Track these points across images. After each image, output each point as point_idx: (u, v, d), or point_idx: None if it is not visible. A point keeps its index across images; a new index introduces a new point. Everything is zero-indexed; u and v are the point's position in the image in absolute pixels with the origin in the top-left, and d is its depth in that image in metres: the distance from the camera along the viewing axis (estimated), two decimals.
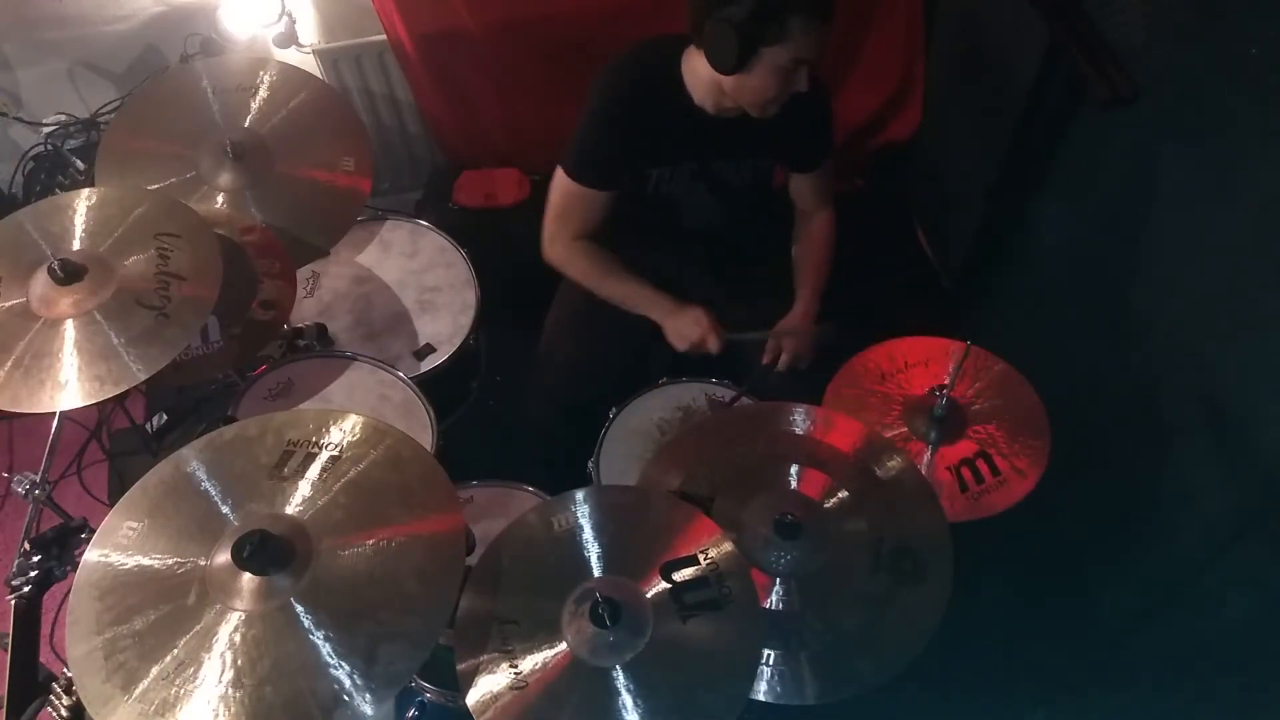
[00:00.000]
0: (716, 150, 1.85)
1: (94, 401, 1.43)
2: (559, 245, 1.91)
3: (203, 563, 1.17)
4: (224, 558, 1.15)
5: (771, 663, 1.28)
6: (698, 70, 1.71)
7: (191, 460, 1.28)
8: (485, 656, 1.19)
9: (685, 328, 1.83)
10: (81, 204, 1.64)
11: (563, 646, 1.19)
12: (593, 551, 1.28)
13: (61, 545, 1.42)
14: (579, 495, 1.34)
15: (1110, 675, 2.06)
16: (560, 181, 1.85)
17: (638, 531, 1.31)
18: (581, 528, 1.31)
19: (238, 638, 1.11)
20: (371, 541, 1.18)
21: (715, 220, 1.99)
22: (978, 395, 1.64)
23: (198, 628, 1.12)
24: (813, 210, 2.00)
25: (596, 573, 1.26)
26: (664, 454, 1.54)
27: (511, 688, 1.17)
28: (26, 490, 1.48)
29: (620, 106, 1.78)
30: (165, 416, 2.28)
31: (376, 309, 2.05)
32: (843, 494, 1.42)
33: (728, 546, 1.27)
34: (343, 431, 1.28)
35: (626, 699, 1.15)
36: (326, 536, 1.18)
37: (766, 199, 2.03)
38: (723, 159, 1.86)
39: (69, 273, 1.49)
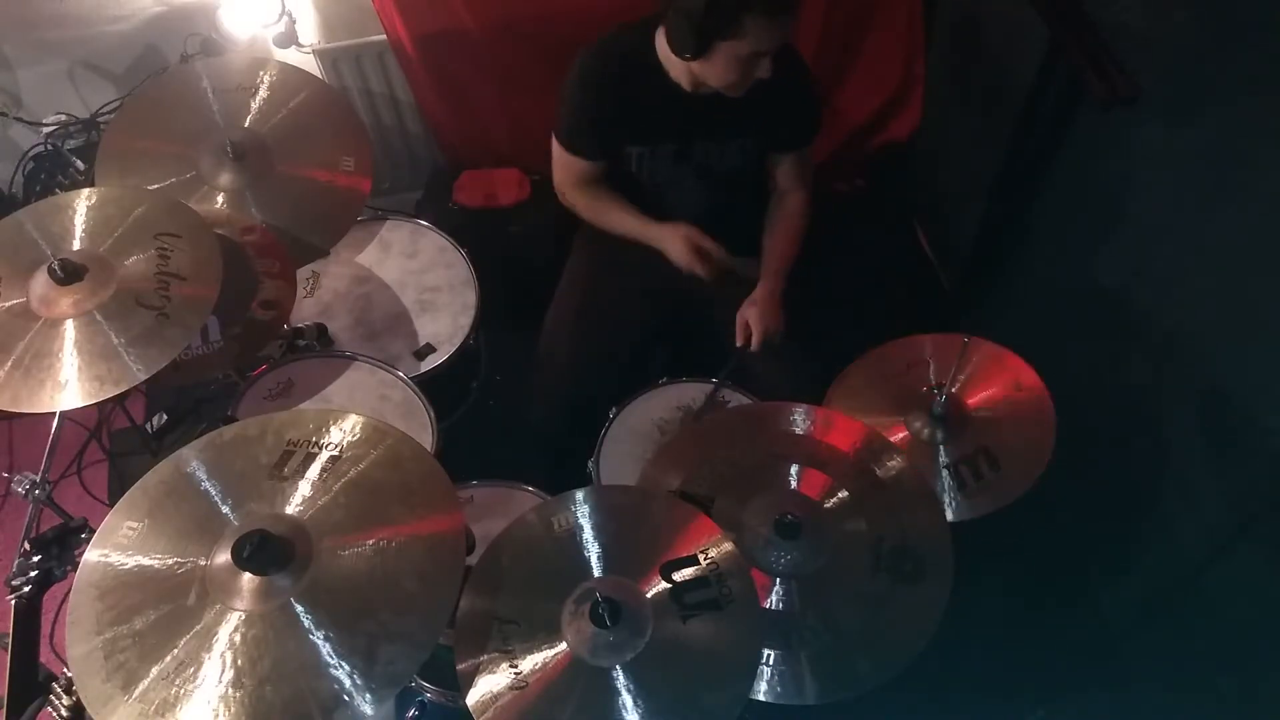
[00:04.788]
0: (696, 131, 1.85)
1: (94, 401, 1.43)
2: (564, 190, 2.01)
3: (203, 563, 1.17)
4: (224, 558, 1.15)
5: (771, 663, 1.28)
6: (669, 49, 1.73)
7: (191, 460, 1.28)
8: (485, 656, 1.19)
9: (675, 248, 1.87)
10: (81, 204, 1.64)
11: (563, 646, 1.19)
12: (593, 551, 1.28)
13: (61, 545, 1.41)
14: (579, 495, 1.34)
15: (1110, 675, 2.06)
16: (554, 145, 1.93)
17: (638, 531, 1.31)
18: (581, 528, 1.31)
19: (238, 638, 1.11)
20: (371, 541, 1.18)
21: (702, 208, 1.98)
22: (979, 392, 1.63)
23: (198, 628, 1.12)
24: (788, 189, 2.00)
25: (596, 573, 1.26)
26: (664, 454, 1.54)
27: (511, 688, 1.17)
28: (26, 490, 1.48)
29: (597, 81, 1.81)
30: (165, 416, 2.27)
31: (376, 309, 2.05)
32: (843, 494, 1.42)
33: (728, 546, 1.27)
34: (343, 431, 1.28)
35: (626, 699, 1.15)
36: (326, 536, 1.18)
37: (757, 191, 2.02)
38: (704, 140, 1.86)
39: (69, 273, 1.49)
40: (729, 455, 1.49)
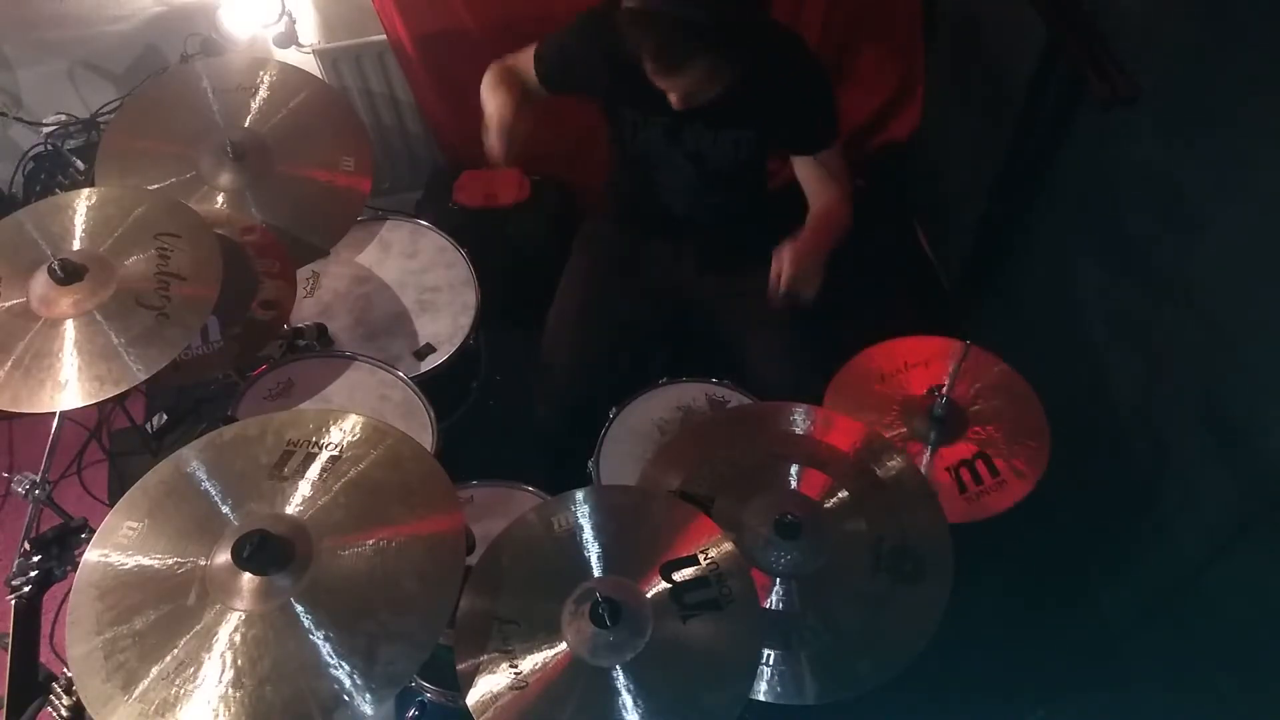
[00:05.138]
0: (688, 112, 1.79)
1: (94, 401, 1.43)
2: (502, 64, 1.94)
3: (203, 563, 1.17)
4: (224, 558, 1.15)
5: (771, 663, 1.28)
6: None
7: (191, 460, 1.28)
8: (485, 656, 1.19)
9: (490, 135, 1.88)
10: (81, 204, 1.64)
11: (563, 646, 1.19)
12: (593, 551, 1.28)
13: (61, 545, 1.42)
14: (579, 495, 1.34)
15: (1110, 675, 2.06)
16: (529, 48, 1.92)
17: (638, 531, 1.31)
18: (581, 528, 1.31)
19: (238, 638, 1.11)
20: (371, 541, 1.18)
21: (693, 191, 1.96)
22: (977, 396, 1.64)
23: (198, 628, 1.12)
24: (818, 193, 1.91)
25: (596, 573, 1.26)
26: (664, 454, 1.54)
27: (511, 688, 1.17)
28: (26, 490, 1.48)
29: (605, 28, 1.78)
30: (165, 416, 2.28)
31: (376, 309, 2.05)
32: (843, 494, 1.42)
33: (728, 546, 1.27)
34: (343, 431, 1.28)
35: (626, 699, 1.15)
36: (326, 536, 1.18)
37: (757, 189, 2.01)
38: (696, 123, 1.84)
39: (69, 273, 1.49)
40: (729, 455, 1.49)
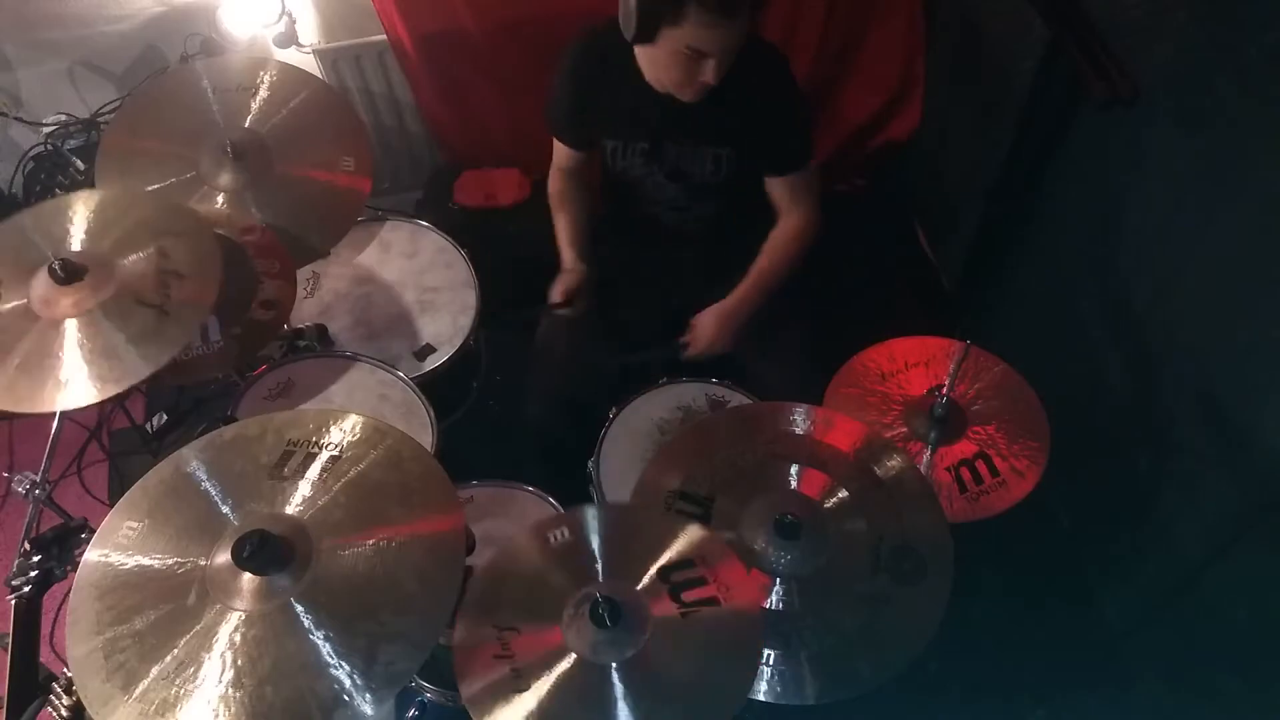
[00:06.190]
0: (666, 132, 1.83)
1: (94, 401, 1.43)
2: (552, 170, 2.05)
3: (203, 563, 1.17)
4: (224, 558, 1.15)
5: (771, 663, 1.28)
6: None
7: (191, 460, 1.28)
8: (485, 657, 1.19)
9: (561, 280, 1.94)
10: (82, 204, 1.64)
11: (563, 646, 1.19)
12: (593, 559, 1.28)
13: (61, 545, 1.42)
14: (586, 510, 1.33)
15: (1110, 675, 2.06)
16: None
17: (635, 540, 1.30)
18: (581, 540, 1.30)
19: (238, 638, 1.11)
20: (371, 541, 1.18)
21: (672, 211, 1.97)
22: (977, 396, 1.64)
23: (198, 628, 1.12)
24: (782, 212, 1.95)
25: (596, 576, 1.26)
26: (664, 454, 1.54)
27: (511, 688, 1.17)
28: (26, 490, 1.48)
29: (581, 70, 1.84)
30: (165, 416, 2.28)
31: (376, 309, 2.05)
32: (843, 494, 1.42)
33: (725, 547, 1.26)
34: (343, 431, 1.28)
35: (627, 698, 1.15)
36: (326, 536, 1.18)
37: (750, 197, 2.01)
38: (674, 143, 1.85)
39: (69, 272, 1.49)
40: (729, 455, 1.49)
